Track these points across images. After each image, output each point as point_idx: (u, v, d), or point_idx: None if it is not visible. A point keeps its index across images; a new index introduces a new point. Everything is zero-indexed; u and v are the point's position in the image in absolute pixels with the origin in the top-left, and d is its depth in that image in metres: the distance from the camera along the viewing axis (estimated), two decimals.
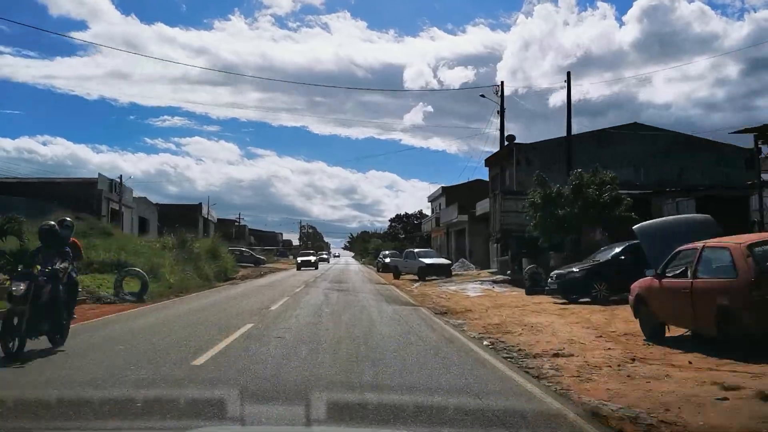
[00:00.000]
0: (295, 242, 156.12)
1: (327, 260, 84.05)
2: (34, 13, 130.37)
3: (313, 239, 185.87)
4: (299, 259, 56.60)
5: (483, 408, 5.72)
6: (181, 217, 73.49)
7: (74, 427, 5.10)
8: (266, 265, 53.00)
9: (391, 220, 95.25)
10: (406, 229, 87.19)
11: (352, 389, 6.52)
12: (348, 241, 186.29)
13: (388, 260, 39.87)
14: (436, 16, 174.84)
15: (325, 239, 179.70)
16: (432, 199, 65.54)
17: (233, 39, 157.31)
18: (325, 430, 5.40)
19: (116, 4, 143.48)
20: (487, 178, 40.31)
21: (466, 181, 53.72)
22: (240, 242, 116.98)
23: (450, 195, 54.41)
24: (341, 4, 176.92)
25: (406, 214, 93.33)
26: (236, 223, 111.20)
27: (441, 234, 55.24)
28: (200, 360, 8.14)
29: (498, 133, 33.07)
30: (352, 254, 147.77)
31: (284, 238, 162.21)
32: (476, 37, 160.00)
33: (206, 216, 78.24)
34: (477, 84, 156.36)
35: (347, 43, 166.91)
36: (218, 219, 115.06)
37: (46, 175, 73.83)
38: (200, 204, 78.32)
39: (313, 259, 56.12)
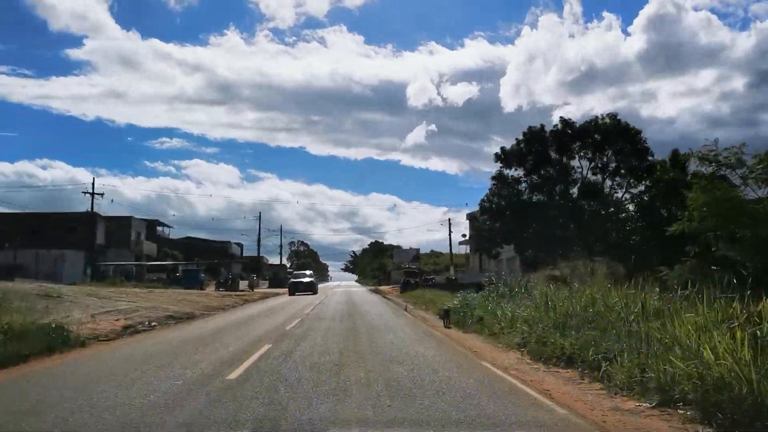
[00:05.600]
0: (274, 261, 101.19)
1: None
2: (33, 29, 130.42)
3: (303, 258, 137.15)
4: None
5: None
6: None
7: None
8: None
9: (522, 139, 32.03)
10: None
11: None
12: (349, 261, 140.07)
13: None
14: (434, 30, 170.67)
15: (323, 260, 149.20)
16: None
17: (229, 55, 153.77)
18: None
19: (116, 19, 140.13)
20: None
21: None
22: (121, 251, 56.49)
23: None
24: (338, 18, 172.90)
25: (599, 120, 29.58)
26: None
27: None
28: None
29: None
30: (356, 278, 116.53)
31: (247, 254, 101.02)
32: (475, 51, 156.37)
33: None
34: (479, 98, 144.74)
35: (345, 58, 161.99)
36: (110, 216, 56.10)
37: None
38: None
39: None
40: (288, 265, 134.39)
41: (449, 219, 67.34)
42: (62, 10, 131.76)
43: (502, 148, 31.33)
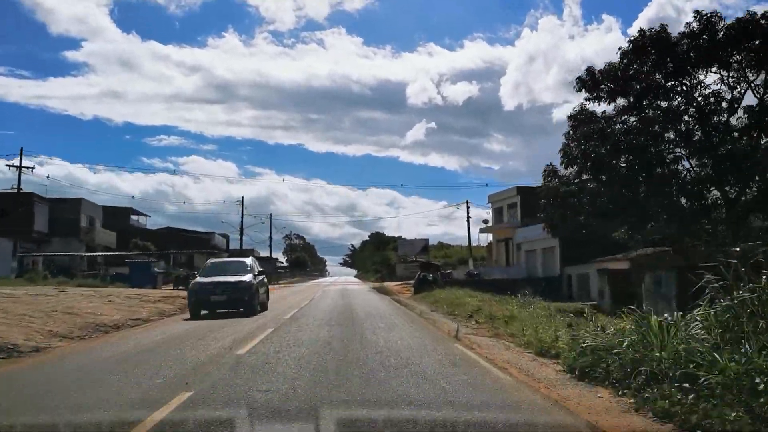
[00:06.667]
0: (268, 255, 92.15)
1: None
2: (31, 32, 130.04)
3: (299, 252, 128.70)
4: None
5: None
6: None
7: None
8: None
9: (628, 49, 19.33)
10: None
11: None
12: (348, 255, 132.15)
13: None
14: (433, 32, 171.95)
15: (320, 255, 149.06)
16: None
17: (228, 56, 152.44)
18: None
19: (117, 22, 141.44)
20: None
21: None
22: (68, 241, 46.30)
23: None
24: (337, 21, 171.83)
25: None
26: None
27: None
28: None
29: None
30: (355, 272, 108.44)
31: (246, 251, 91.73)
32: (475, 52, 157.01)
33: None
34: (479, 97, 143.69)
35: (344, 59, 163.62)
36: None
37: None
38: None
39: None
40: (284, 260, 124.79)
41: (467, 202, 57.52)
42: (62, 14, 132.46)
43: (589, 69, 19.46)
